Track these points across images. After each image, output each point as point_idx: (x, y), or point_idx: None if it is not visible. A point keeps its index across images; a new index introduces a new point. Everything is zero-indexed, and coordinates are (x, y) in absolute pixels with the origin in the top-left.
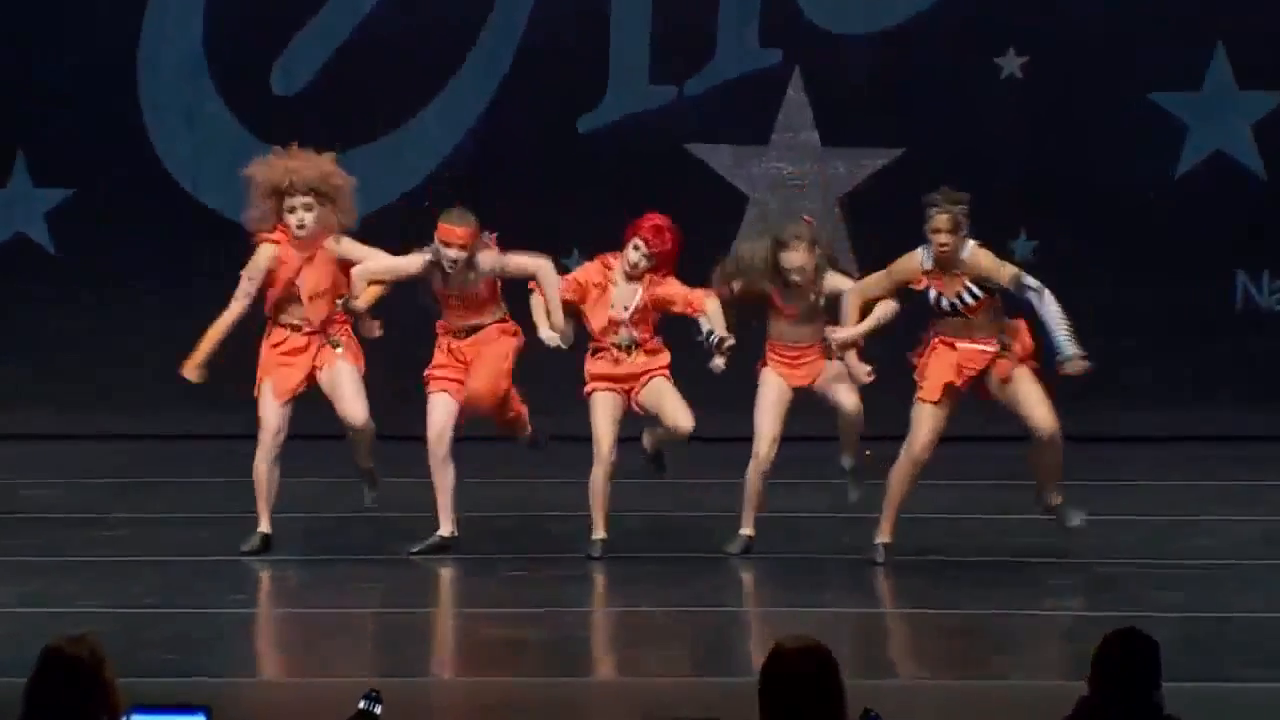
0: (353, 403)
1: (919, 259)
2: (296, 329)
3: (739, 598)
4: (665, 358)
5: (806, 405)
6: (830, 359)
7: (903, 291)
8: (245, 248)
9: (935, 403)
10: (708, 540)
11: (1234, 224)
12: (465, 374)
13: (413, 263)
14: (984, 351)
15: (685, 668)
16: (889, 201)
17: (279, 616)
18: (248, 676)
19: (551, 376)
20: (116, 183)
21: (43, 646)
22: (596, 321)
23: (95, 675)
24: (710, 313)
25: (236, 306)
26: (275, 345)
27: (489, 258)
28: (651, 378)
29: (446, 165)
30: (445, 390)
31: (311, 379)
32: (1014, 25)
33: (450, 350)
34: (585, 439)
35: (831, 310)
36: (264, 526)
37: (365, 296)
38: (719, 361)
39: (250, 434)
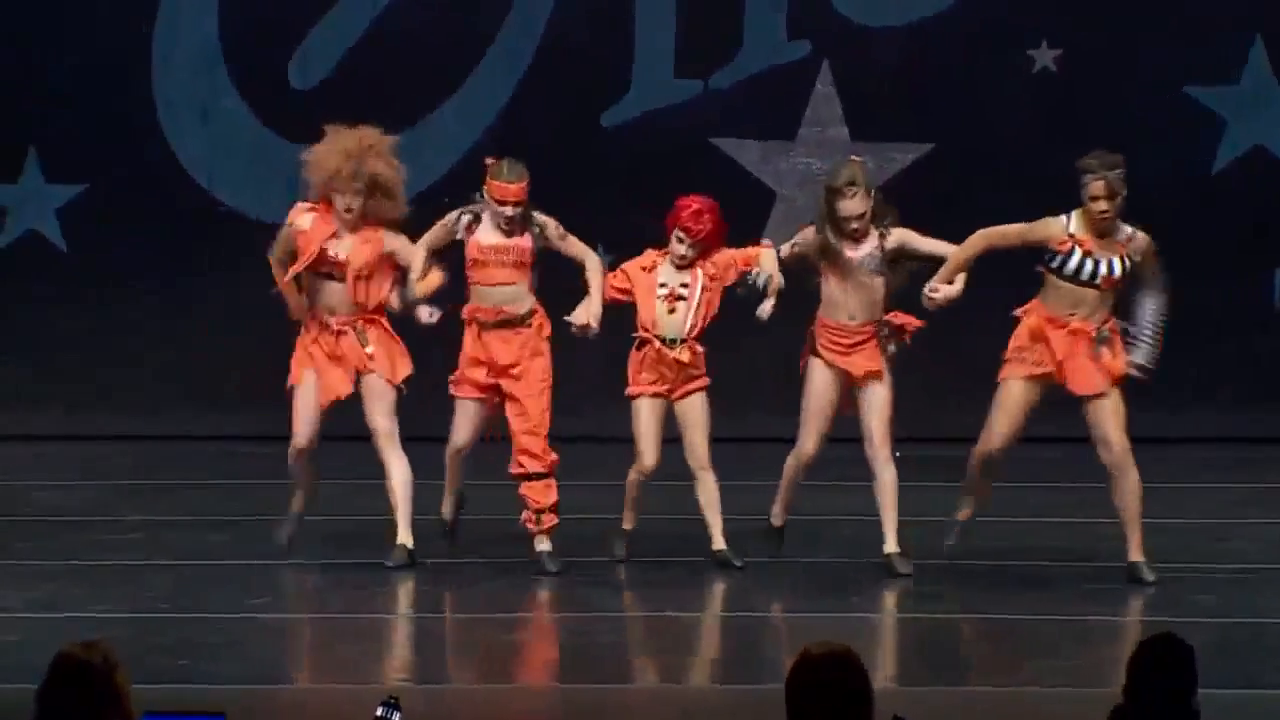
0: (378, 414)
1: (1062, 223)
2: (326, 327)
3: (766, 602)
4: (703, 370)
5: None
6: (885, 351)
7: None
8: (263, 246)
9: (1027, 379)
10: (736, 544)
11: (1271, 220)
12: (492, 376)
13: (449, 220)
14: (1085, 328)
15: (712, 674)
16: (920, 197)
17: (295, 621)
18: (264, 683)
19: (583, 375)
20: (129, 179)
21: (55, 652)
22: (645, 311)
23: (107, 682)
24: (764, 261)
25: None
26: (315, 342)
27: (554, 227)
28: (692, 393)
29: (466, 161)
30: (478, 398)
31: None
32: (1047, 18)
33: (480, 339)
34: (608, 440)
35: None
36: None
37: (425, 286)
38: (767, 306)
39: (249, 435)
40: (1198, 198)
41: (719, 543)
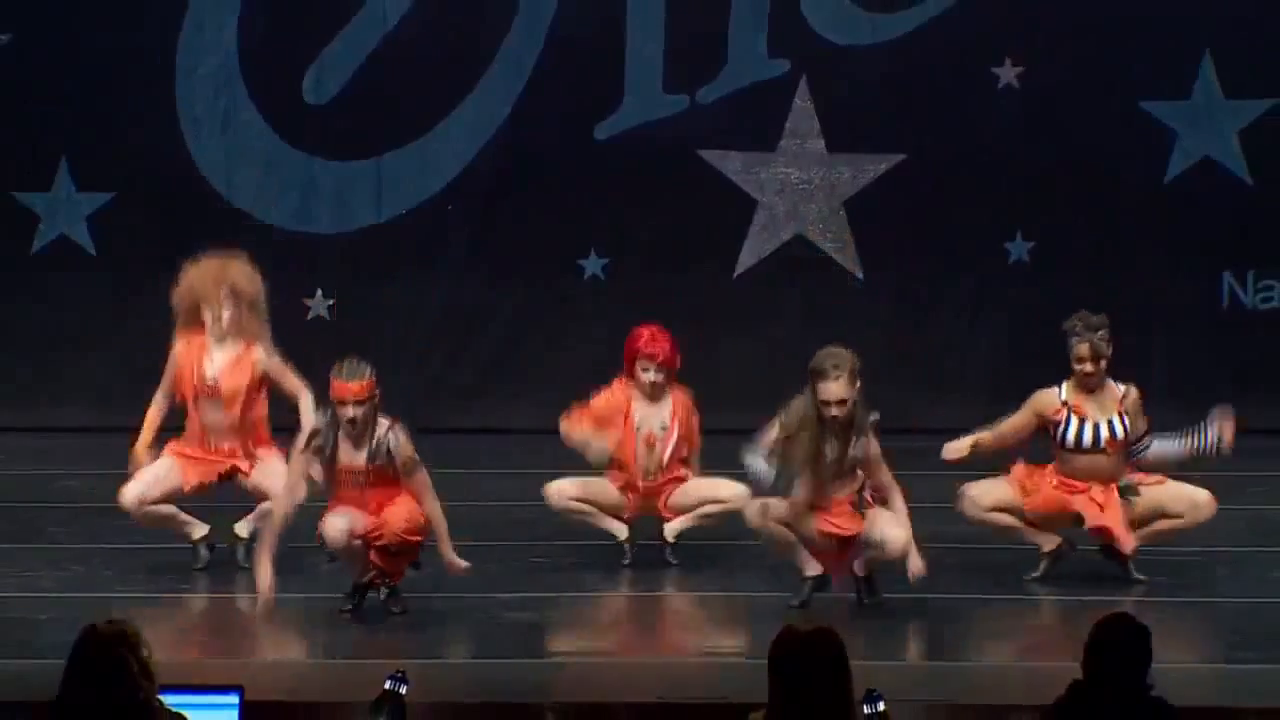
0: (268, 478)
1: (1054, 393)
2: (216, 450)
3: (750, 583)
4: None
5: None
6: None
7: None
8: (277, 249)
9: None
10: (719, 529)
11: (1220, 227)
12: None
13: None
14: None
15: (700, 648)
16: (892, 205)
17: (308, 601)
18: (279, 657)
19: (545, 365)
20: (154, 187)
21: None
22: (626, 447)
23: (131, 654)
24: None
25: (156, 407)
26: (189, 452)
27: (404, 446)
28: (676, 487)
29: (469, 172)
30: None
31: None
32: (1010, 37)
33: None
34: None
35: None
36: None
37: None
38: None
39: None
40: (1152, 205)
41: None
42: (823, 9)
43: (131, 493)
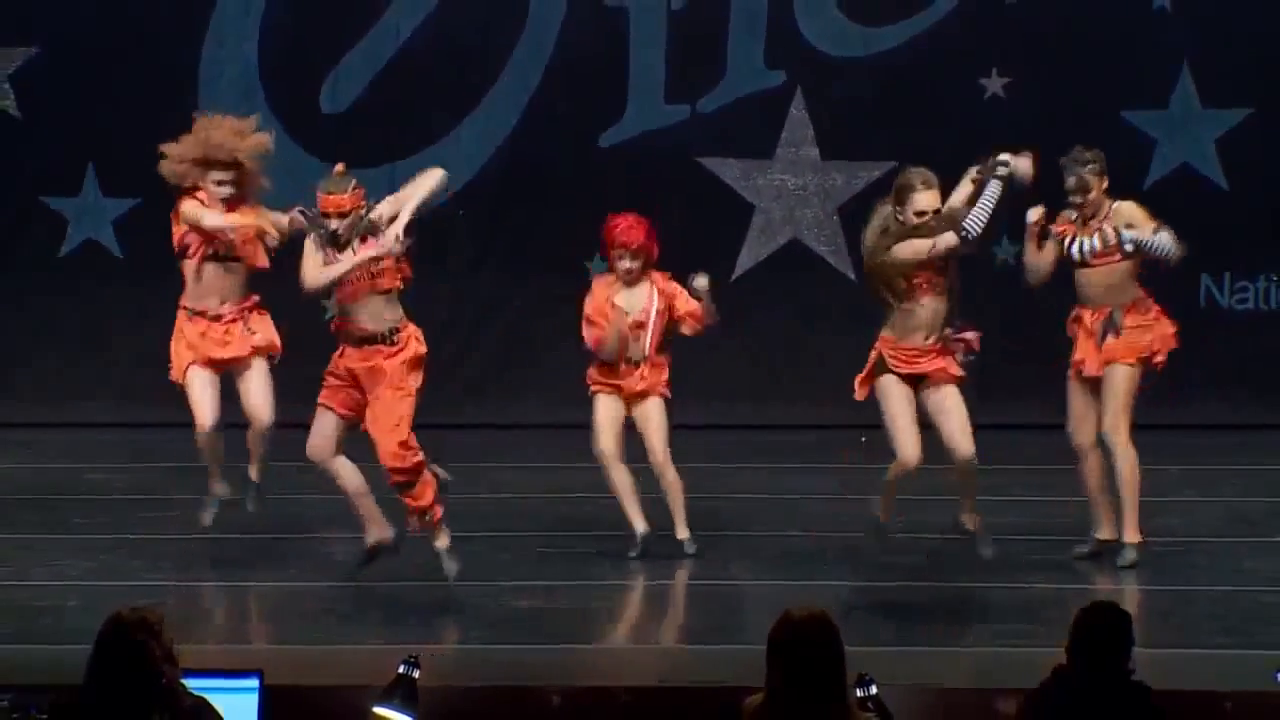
0: (261, 400)
1: (1064, 215)
2: (217, 318)
3: (748, 572)
4: (665, 373)
5: (821, 392)
6: (950, 352)
7: None
8: (292, 252)
9: (1076, 379)
10: (718, 520)
11: (1198, 231)
12: (354, 389)
13: (281, 221)
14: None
15: (699, 635)
16: None
17: (325, 589)
18: (296, 643)
19: (551, 363)
20: (177, 192)
21: (108, 615)
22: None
23: (154, 640)
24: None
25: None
26: (203, 336)
27: (386, 208)
28: (650, 397)
29: (480, 178)
30: (329, 407)
31: (229, 364)
32: (997, 49)
33: (343, 357)
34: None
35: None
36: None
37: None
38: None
39: (277, 423)
40: None
41: (681, 532)
42: (817, 22)
43: (202, 421)
